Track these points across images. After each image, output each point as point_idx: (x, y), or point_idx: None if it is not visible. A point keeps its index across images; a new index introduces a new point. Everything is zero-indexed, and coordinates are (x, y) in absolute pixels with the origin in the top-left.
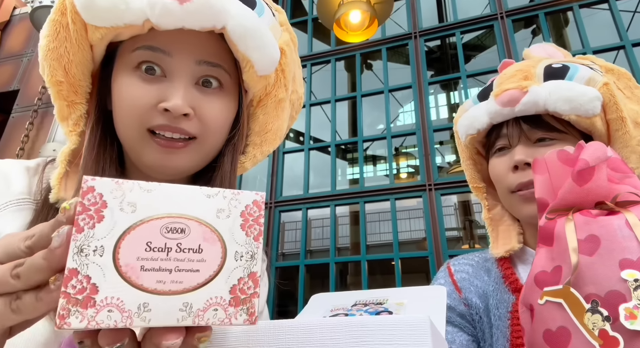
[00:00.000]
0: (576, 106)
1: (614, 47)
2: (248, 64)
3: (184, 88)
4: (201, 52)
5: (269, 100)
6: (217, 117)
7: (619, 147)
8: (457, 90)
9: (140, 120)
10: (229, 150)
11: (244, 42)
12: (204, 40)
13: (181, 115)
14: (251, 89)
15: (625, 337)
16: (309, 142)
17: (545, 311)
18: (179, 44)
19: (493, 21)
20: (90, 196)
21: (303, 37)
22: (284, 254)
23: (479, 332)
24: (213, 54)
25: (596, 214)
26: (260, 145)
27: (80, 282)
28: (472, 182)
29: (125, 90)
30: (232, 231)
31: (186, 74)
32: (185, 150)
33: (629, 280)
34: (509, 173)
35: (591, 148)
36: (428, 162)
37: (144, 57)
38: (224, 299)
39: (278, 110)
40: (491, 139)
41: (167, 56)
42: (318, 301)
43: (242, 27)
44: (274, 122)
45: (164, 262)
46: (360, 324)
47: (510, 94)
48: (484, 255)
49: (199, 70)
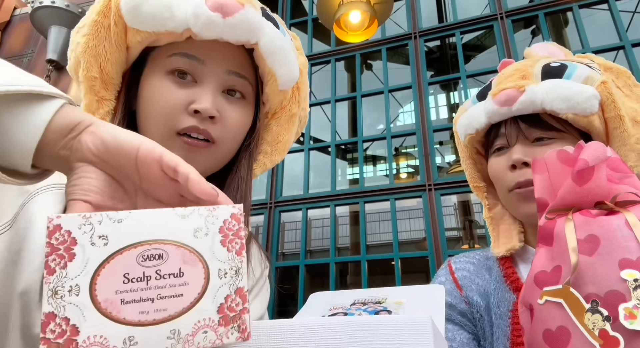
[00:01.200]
0: (573, 105)
1: (614, 47)
2: (272, 77)
3: (212, 93)
4: (232, 63)
5: (283, 114)
6: (237, 124)
7: (617, 145)
8: (457, 90)
9: (171, 122)
10: (245, 156)
11: (273, 58)
12: (235, 52)
13: (208, 117)
14: (269, 101)
15: (625, 337)
16: (309, 142)
17: (545, 311)
18: (213, 53)
19: (493, 21)
20: (58, 235)
21: (303, 37)
22: (284, 254)
23: (479, 330)
24: (241, 66)
25: (596, 214)
26: (270, 154)
27: (59, 325)
28: (472, 182)
29: (158, 92)
30: (213, 249)
31: (216, 81)
32: (206, 151)
33: (629, 280)
34: (507, 172)
35: (591, 148)
36: (428, 162)
37: (179, 63)
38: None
39: (290, 124)
40: (490, 138)
41: (200, 64)
42: (317, 300)
43: (272, 44)
44: (285, 134)
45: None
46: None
47: (508, 93)
48: (485, 253)
49: (227, 79)
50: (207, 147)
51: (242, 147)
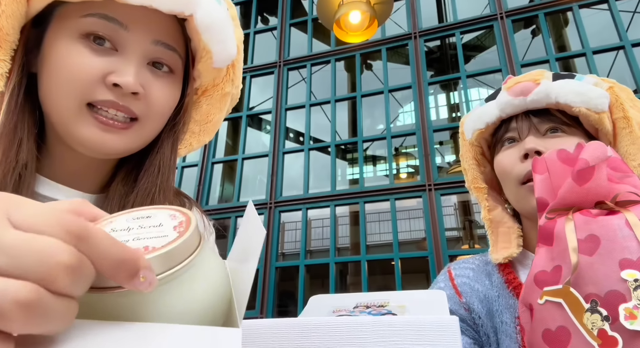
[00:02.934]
0: (586, 99)
1: (614, 47)
2: (208, 54)
3: (136, 65)
4: (160, 32)
5: (215, 92)
6: (164, 101)
7: (626, 144)
8: (457, 90)
9: (82, 92)
10: (170, 135)
11: (209, 34)
12: (165, 20)
13: (130, 93)
14: (201, 78)
15: (624, 337)
16: (308, 142)
17: (545, 311)
18: (139, 19)
19: (493, 21)
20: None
21: (303, 37)
22: (284, 254)
23: (482, 336)
24: (171, 37)
25: (596, 214)
26: (198, 134)
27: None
28: (474, 183)
29: (66, 57)
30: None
31: (141, 51)
32: (126, 132)
33: (629, 280)
34: (517, 163)
35: (591, 147)
36: (428, 162)
37: (97, 26)
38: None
39: (222, 103)
40: (499, 134)
41: (123, 29)
42: (318, 302)
43: (210, 18)
44: (216, 114)
45: None
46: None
47: (523, 85)
48: (484, 258)
49: (154, 50)
50: (127, 127)
51: (167, 126)
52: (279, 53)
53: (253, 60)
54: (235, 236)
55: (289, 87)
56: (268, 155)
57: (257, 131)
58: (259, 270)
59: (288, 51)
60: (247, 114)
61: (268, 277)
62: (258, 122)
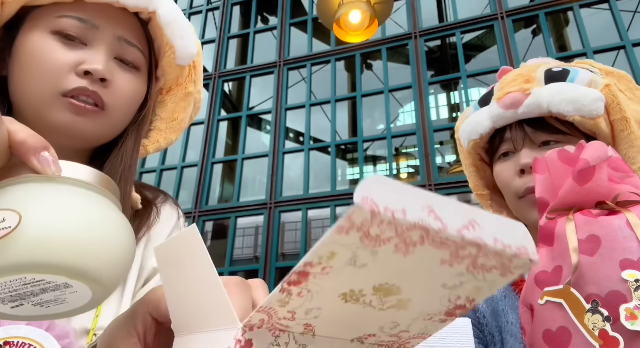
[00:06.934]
0: (580, 107)
1: (614, 47)
2: (170, 50)
3: (105, 56)
4: (123, 29)
5: (179, 91)
6: (130, 93)
7: (625, 147)
8: (457, 90)
9: (55, 83)
10: (133, 130)
11: (171, 29)
12: (127, 19)
13: (99, 80)
14: (165, 76)
15: (625, 338)
16: (309, 142)
17: (546, 311)
18: (105, 16)
19: (493, 21)
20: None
21: (303, 37)
22: (284, 254)
23: (487, 335)
24: (133, 35)
25: (597, 214)
26: (164, 132)
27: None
28: (476, 190)
29: (40, 51)
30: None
31: (108, 46)
32: (95, 116)
33: (630, 280)
34: (515, 178)
35: (591, 147)
36: (428, 162)
37: (68, 25)
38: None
39: (185, 102)
40: (494, 143)
41: (94, 28)
42: None
43: (171, 13)
44: (181, 113)
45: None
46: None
47: (513, 96)
48: None
49: (119, 46)
50: (96, 112)
51: (132, 121)
52: (279, 53)
53: (253, 60)
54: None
55: (288, 87)
56: (268, 155)
57: (257, 131)
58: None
59: (288, 51)
60: (247, 114)
61: (268, 277)
62: (258, 122)
